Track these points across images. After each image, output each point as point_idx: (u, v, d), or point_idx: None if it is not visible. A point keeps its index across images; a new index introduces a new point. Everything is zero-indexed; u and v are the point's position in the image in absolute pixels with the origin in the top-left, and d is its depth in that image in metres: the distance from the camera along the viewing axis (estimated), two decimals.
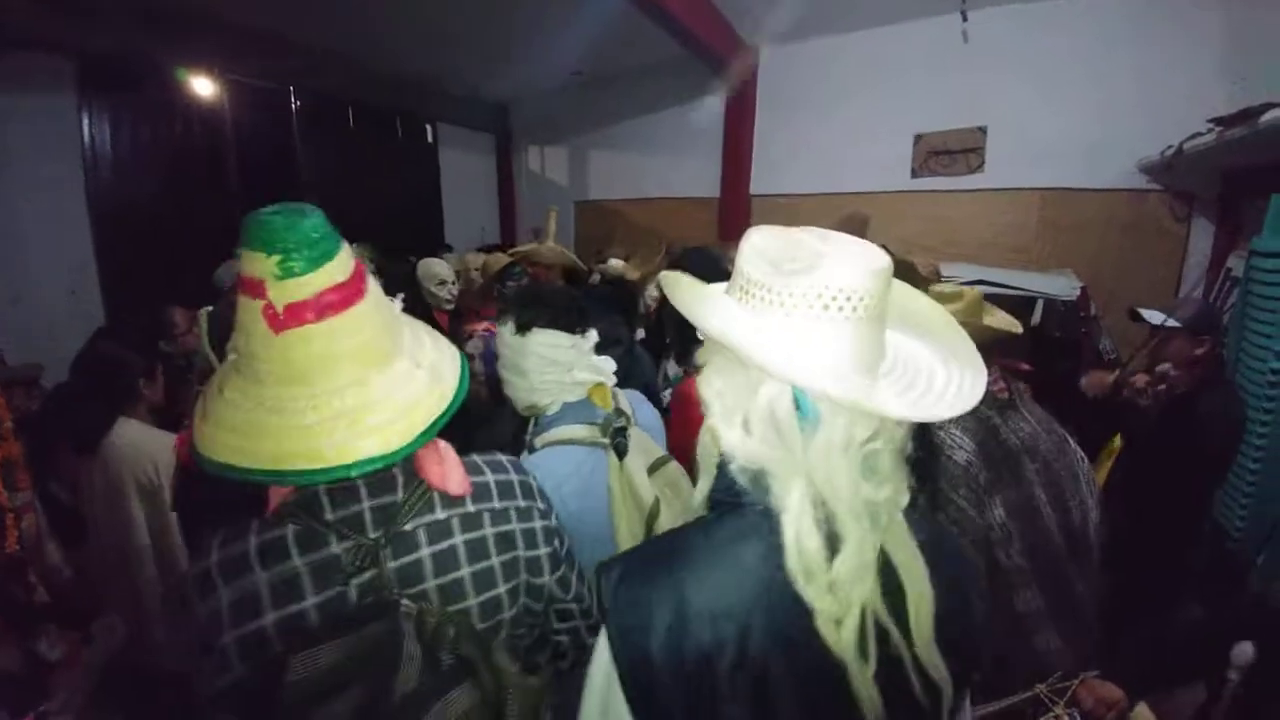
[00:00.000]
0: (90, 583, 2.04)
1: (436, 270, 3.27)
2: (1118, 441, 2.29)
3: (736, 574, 0.63)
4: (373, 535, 0.77)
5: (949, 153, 4.41)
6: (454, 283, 3.28)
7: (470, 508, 0.86)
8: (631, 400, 1.42)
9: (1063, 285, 3.25)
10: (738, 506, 0.66)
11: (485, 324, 2.50)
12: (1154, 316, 2.20)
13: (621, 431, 1.25)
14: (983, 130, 4.26)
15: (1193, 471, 2.07)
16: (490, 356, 2.37)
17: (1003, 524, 1.32)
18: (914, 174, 4.57)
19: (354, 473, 0.66)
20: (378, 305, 0.73)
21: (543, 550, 0.93)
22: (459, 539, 0.84)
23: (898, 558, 0.64)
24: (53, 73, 3.76)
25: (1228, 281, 3.10)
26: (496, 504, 0.90)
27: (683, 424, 1.69)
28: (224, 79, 4.51)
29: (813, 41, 4.82)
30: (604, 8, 3.74)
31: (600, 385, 1.31)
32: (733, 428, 0.65)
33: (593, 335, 1.32)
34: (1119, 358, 3.20)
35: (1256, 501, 2.28)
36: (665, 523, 1.20)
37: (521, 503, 0.93)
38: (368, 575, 0.76)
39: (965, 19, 3.95)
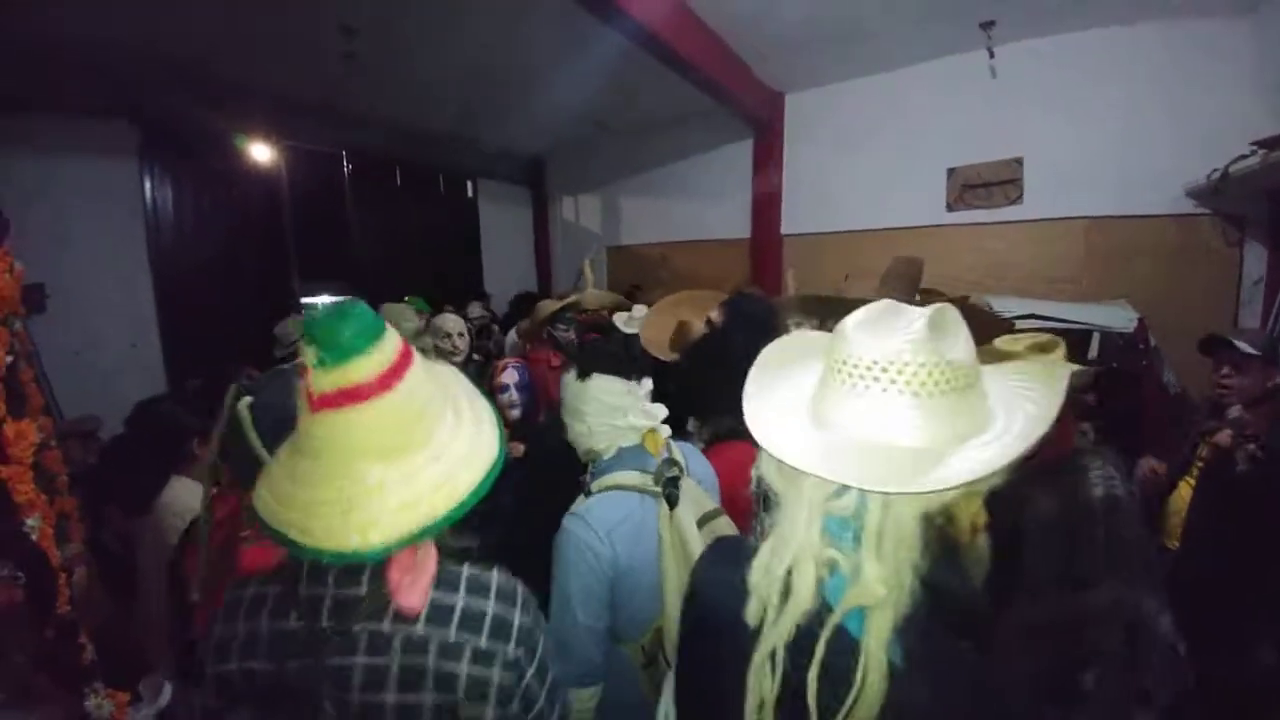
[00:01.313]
0: (139, 639, 2.06)
1: (448, 323, 3.35)
2: (1184, 491, 2.15)
3: (730, 570, 0.73)
4: (325, 624, 0.77)
5: (985, 185, 4.36)
6: (462, 335, 3.33)
7: (419, 630, 0.77)
8: (685, 451, 1.40)
9: (1119, 317, 3.12)
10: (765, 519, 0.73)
11: (515, 359, 2.70)
12: (1243, 345, 2.05)
13: (674, 481, 1.24)
14: (1019, 162, 4.21)
15: (1271, 511, 1.92)
16: (523, 386, 2.50)
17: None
18: (949, 208, 4.51)
19: (324, 559, 0.70)
20: (411, 396, 0.74)
21: (491, 710, 0.79)
22: (395, 660, 0.77)
23: (868, 641, 0.62)
24: (116, 138, 4.05)
25: None
26: (451, 636, 0.78)
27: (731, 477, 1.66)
28: (279, 144, 4.80)
29: (837, 85, 4.90)
30: (630, 64, 3.86)
31: (653, 431, 1.33)
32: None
33: (647, 383, 1.37)
34: (1184, 390, 3.04)
35: None
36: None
37: (484, 643, 0.79)
38: (307, 662, 0.77)
39: (992, 55, 3.96)
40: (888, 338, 0.64)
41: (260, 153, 4.71)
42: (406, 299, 4.12)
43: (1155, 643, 1.25)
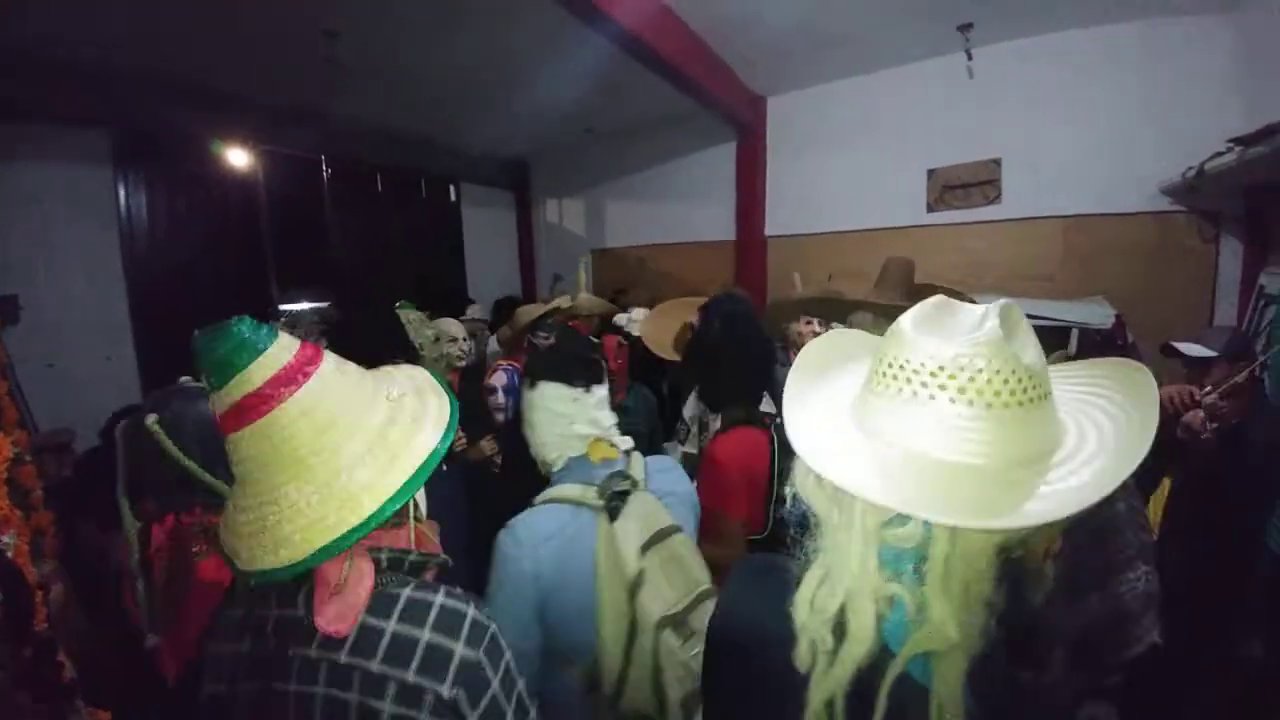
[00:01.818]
0: (116, 655, 2.01)
1: (449, 328, 3.31)
2: (1166, 486, 2.20)
3: (767, 601, 0.65)
4: (271, 645, 0.75)
5: (964, 186, 4.41)
6: (465, 340, 3.30)
7: (342, 658, 0.71)
8: (655, 465, 1.34)
9: (1097, 313, 3.18)
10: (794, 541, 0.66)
11: (510, 360, 2.61)
12: (1190, 348, 2.14)
13: (620, 495, 1.17)
14: (996, 162, 4.26)
15: (1251, 502, 1.97)
16: (512, 389, 2.49)
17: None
18: (929, 208, 4.56)
19: (252, 581, 0.70)
20: (314, 404, 0.71)
21: None
22: (320, 689, 0.71)
23: (939, 688, 0.56)
24: (90, 146, 3.97)
25: (1262, 300, 3.00)
26: (375, 666, 0.71)
27: (713, 488, 1.65)
28: (257, 150, 4.73)
29: (818, 88, 4.93)
30: (614, 67, 3.86)
31: (599, 441, 1.27)
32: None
33: (599, 390, 1.30)
34: (1161, 386, 3.09)
35: None
36: (648, 597, 1.09)
37: (411, 678, 0.70)
38: (259, 684, 0.75)
39: (970, 57, 4.02)
40: (953, 339, 0.56)
41: (237, 158, 4.64)
42: (399, 304, 4.04)
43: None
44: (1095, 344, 3.09)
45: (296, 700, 0.72)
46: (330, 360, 0.76)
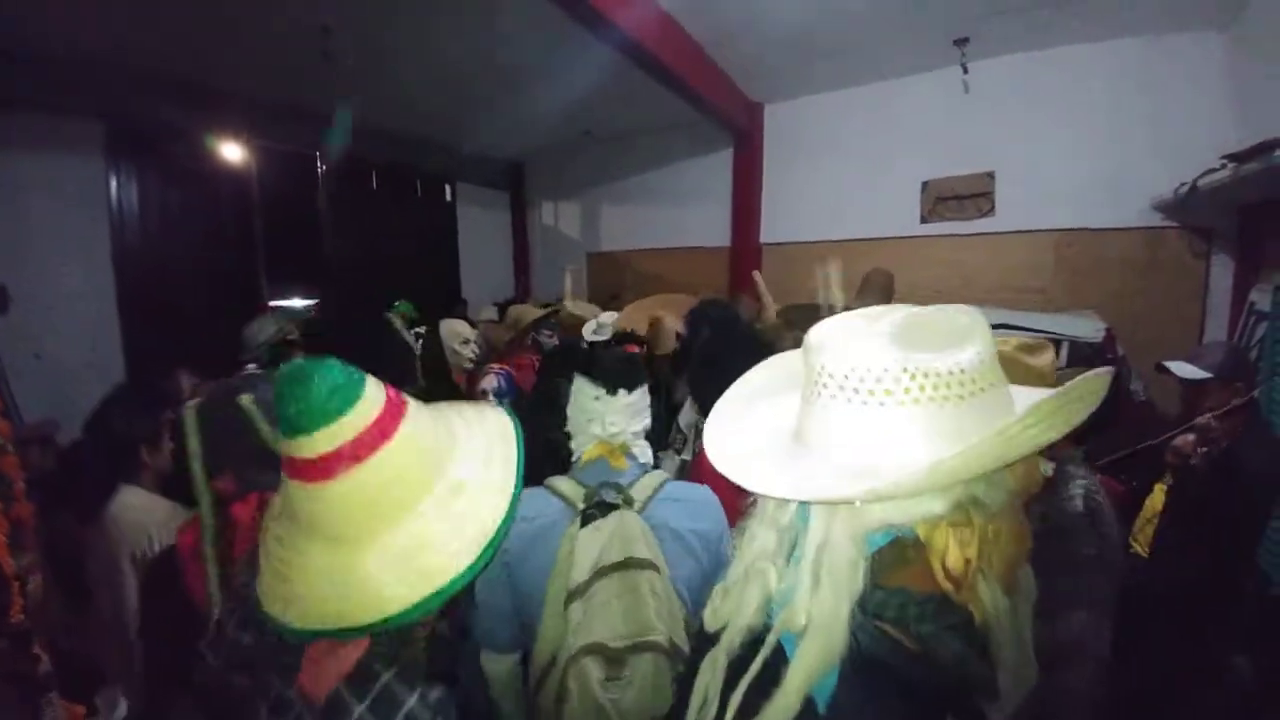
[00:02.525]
0: (93, 650, 1.98)
1: (459, 330, 3.28)
2: (1159, 497, 2.20)
3: None
4: (268, 667, 0.75)
5: (957, 198, 4.44)
6: (476, 341, 3.28)
7: (308, 718, 0.70)
8: (678, 493, 1.25)
9: (1087, 327, 3.19)
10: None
11: (501, 365, 2.59)
12: (1182, 369, 2.11)
13: (604, 507, 1.14)
14: (990, 175, 4.30)
15: (1240, 523, 1.97)
16: (503, 393, 2.48)
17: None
18: (923, 219, 4.59)
19: (259, 612, 0.68)
20: (365, 483, 0.66)
21: None
22: None
23: (790, 672, 0.56)
24: (82, 136, 3.94)
25: (1252, 316, 3.03)
26: None
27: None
28: (252, 145, 4.70)
29: (816, 97, 4.97)
30: (613, 71, 3.88)
31: (604, 444, 1.26)
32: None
33: (625, 396, 1.27)
34: (1149, 400, 3.11)
35: None
36: (580, 612, 1.06)
37: None
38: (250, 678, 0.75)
39: (966, 71, 4.05)
40: (848, 342, 0.59)
41: (231, 152, 4.62)
42: (396, 304, 4.03)
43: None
44: (1085, 357, 3.10)
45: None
46: (410, 418, 0.70)
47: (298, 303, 5.24)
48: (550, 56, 3.98)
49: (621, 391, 1.27)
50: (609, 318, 3.62)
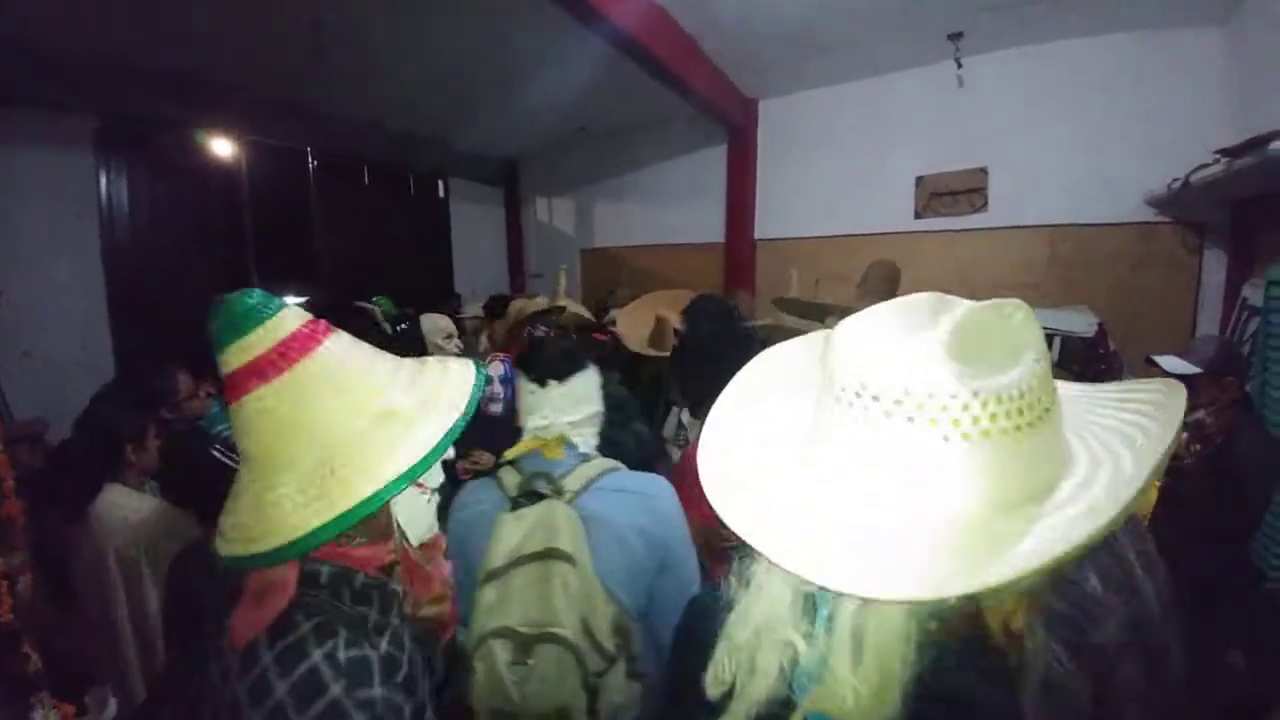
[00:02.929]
0: (81, 649, 1.97)
1: (442, 325, 3.27)
2: (1152, 495, 2.20)
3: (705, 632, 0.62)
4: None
5: (951, 194, 4.44)
6: (459, 336, 3.27)
7: (234, 665, 0.67)
8: (615, 482, 1.22)
9: (1080, 321, 3.20)
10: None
11: (506, 352, 2.69)
12: (1172, 364, 2.09)
13: (532, 496, 1.15)
14: (984, 171, 4.30)
15: (1235, 518, 1.98)
16: (508, 379, 2.49)
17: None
18: (917, 215, 4.59)
19: (222, 565, 0.67)
20: (283, 397, 0.67)
21: None
22: (215, 680, 0.70)
23: None
24: (72, 131, 3.89)
25: (1244, 311, 3.04)
26: (240, 693, 0.65)
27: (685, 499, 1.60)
28: (242, 140, 4.66)
29: (809, 93, 4.95)
30: (607, 67, 3.86)
31: (534, 437, 1.25)
32: None
33: (558, 387, 1.26)
34: None
35: None
36: (492, 594, 1.07)
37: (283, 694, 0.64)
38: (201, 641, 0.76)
39: (960, 66, 4.05)
40: (893, 353, 0.46)
41: (222, 148, 4.57)
42: (374, 300, 4.02)
43: None
44: (1078, 352, 3.12)
45: (209, 680, 0.71)
46: (332, 343, 0.71)
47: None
48: (544, 52, 3.95)
49: (552, 383, 1.26)
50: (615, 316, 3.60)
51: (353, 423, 0.68)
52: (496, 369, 2.52)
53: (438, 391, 0.74)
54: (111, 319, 4.07)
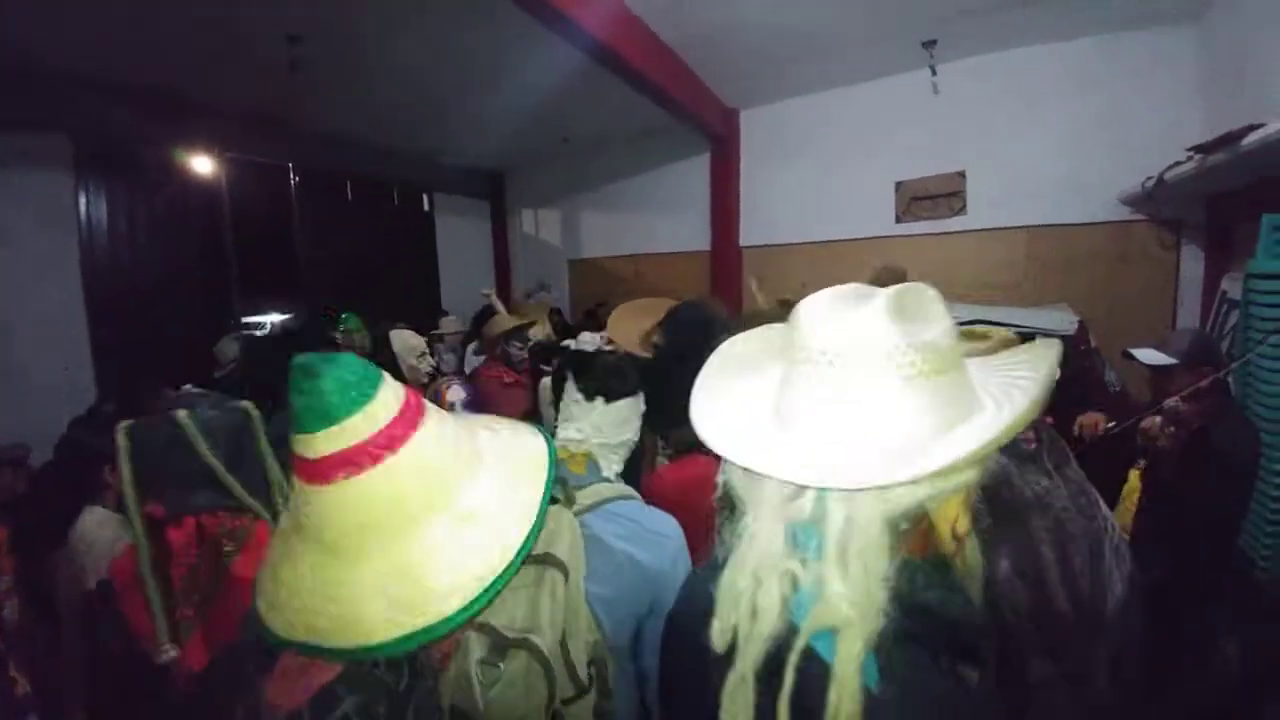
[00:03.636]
0: (66, 674, 1.93)
1: (414, 343, 3.21)
2: (1134, 482, 2.24)
3: (703, 594, 0.66)
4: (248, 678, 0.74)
5: (930, 198, 4.51)
6: (423, 356, 3.21)
7: None
8: (624, 511, 1.19)
9: (1060, 320, 3.25)
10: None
11: (459, 377, 2.72)
12: (1147, 355, 2.12)
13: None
14: (961, 175, 4.37)
15: (1217, 506, 2.01)
16: (469, 404, 2.45)
17: (1008, 580, 1.23)
18: (898, 219, 4.65)
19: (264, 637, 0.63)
20: (389, 487, 0.61)
21: None
22: None
23: (837, 666, 0.55)
24: (52, 151, 3.87)
25: (1224, 305, 3.10)
26: None
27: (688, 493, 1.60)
28: (222, 156, 4.65)
29: (790, 101, 5.02)
30: (589, 79, 3.89)
31: (562, 448, 1.24)
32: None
33: (602, 405, 1.26)
34: (1124, 389, 3.18)
35: None
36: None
37: None
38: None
39: (934, 73, 4.13)
40: (845, 316, 0.58)
41: (202, 165, 4.55)
42: (343, 316, 3.87)
43: None
44: (1060, 350, 3.15)
45: None
46: (426, 429, 0.64)
47: (274, 317, 5.17)
48: (526, 65, 3.98)
49: (599, 400, 1.24)
50: (589, 338, 3.59)
51: (437, 522, 0.63)
52: (457, 394, 2.48)
53: (516, 477, 0.70)
54: (93, 340, 4.03)
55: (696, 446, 1.65)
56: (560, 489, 1.13)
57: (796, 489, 0.58)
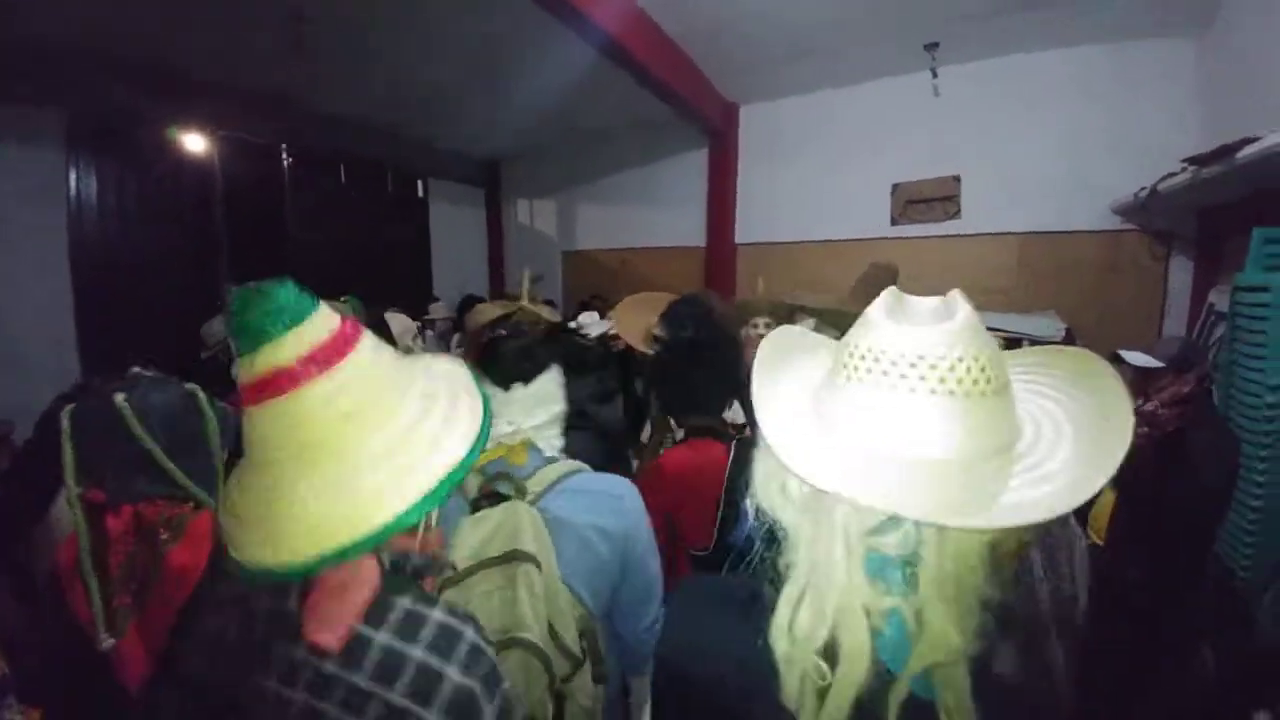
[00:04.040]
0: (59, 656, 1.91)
1: (410, 325, 3.23)
2: (1108, 493, 2.26)
3: (733, 631, 0.61)
4: (259, 633, 0.70)
5: (926, 201, 4.53)
6: (416, 337, 3.23)
7: (328, 667, 0.65)
8: (579, 484, 1.20)
9: (1047, 326, 3.28)
10: (759, 560, 0.60)
11: None
12: (1136, 358, 2.16)
13: (493, 498, 1.10)
14: (957, 179, 4.39)
15: (1193, 511, 2.03)
16: None
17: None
18: (893, 221, 4.67)
19: (243, 574, 0.62)
20: (343, 388, 0.64)
21: None
22: (299, 694, 0.66)
23: (947, 700, 0.52)
24: (42, 125, 3.80)
25: (1211, 316, 3.14)
26: (363, 682, 0.64)
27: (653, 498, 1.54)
28: (215, 135, 4.58)
29: (789, 99, 5.02)
30: (589, 70, 3.87)
31: (499, 445, 1.20)
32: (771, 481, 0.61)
33: (521, 390, 1.22)
34: None
35: (1260, 538, 2.23)
36: (454, 597, 0.99)
37: (397, 699, 0.63)
38: (235, 672, 0.69)
39: (935, 75, 4.14)
40: (923, 328, 0.54)
41: (195, 143, 4.48)
42: (342, 299, 3.88)
43: None
44: None
45: (275, 699, 0.66)
46: (368, 341, 0.69)
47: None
48: (527, 54, 3.95)
49: (516, 386, 1.21)
50: (589, 318, 3.59)
51: (408, 403, 0.68)
52: None
53: (453, 399, 0.74)
54: (79, 317, 3.97)
55: (708, 431, 1.71)
56: (507, 484, 1.12)
57: (888, 519, 0.53)
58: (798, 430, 0.57)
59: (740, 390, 1.89)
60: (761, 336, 2.18)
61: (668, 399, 1.88)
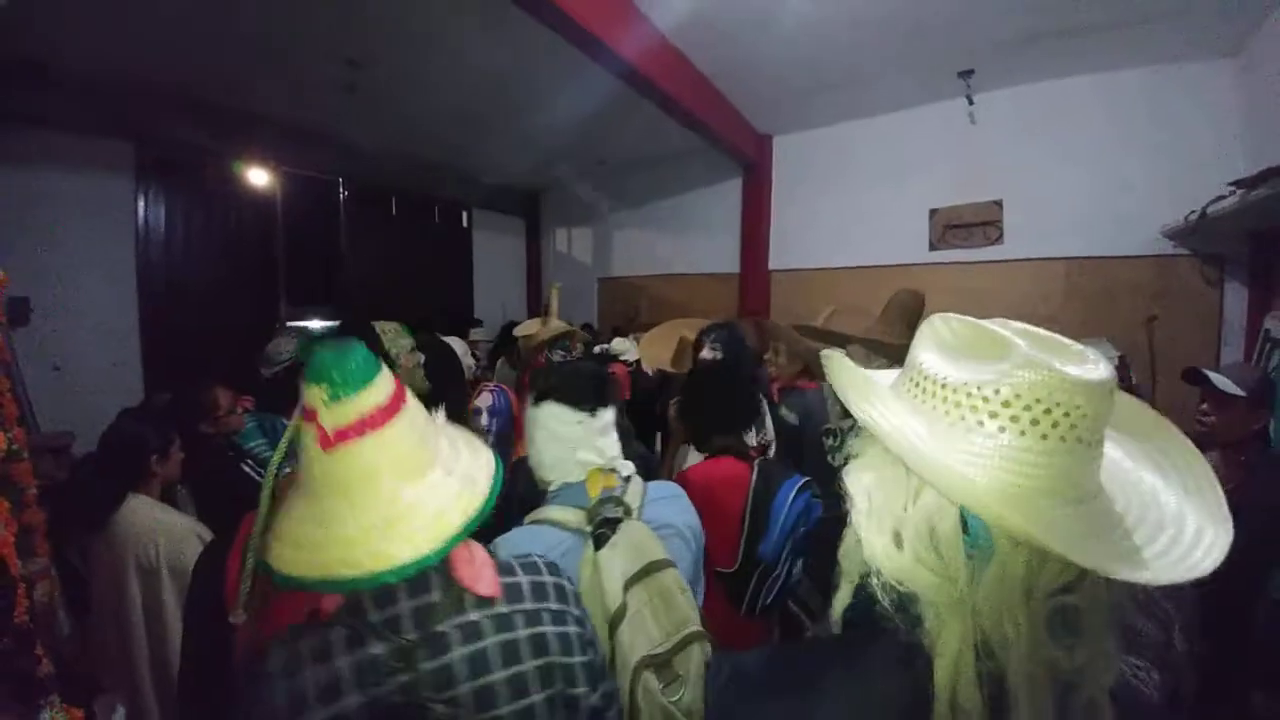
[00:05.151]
0: (93, 656, 1.99)
1: (464, 348, 3.32)
2: None
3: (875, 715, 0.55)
4: (409, 636, 0.79)
5: (966, 226, 4.46)
6: (469, 356, 3.31)
7: (503, 609, 0.85)
8: (657, 493, 1.27)
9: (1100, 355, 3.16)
10: (880, 633, 0.55)
11: (494, 384, 2.67)
12: (1222, 381, 1.96)
13: (610, 523, 1.13)
14: (998, 204, 4.31)
15: (1249, 555, 1.90)
16: (496, 410, 2.46)
17: None
18: (932, 247, 4.61)
19: (390, 578, 0.72)
20: (413, 422, 0.79)
21: (578, 659, 0.87)
22: (490, 640, 0.82)
23: None
24: (113, 156, 4.10)
25: (1267, 343, 2.98)
26: (529, 605, 0.87)
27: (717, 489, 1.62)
28: (276, 169, 4.86)
29: (822, 129, 5.07)
30: (625, 105, 3.99)
31: (599, 470, 1.23)
32: (881, 534, 0.56)
33: (605, 415, 1.25)
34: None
35: None
36: (628, 633, 1.02)
37: (554, 605, 0.89)
38: (405, 677, 0.77)
39: (971, 102, 4.12)
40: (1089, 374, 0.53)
41: (257, 177, 4.78)
42: (393, 324, 4.07)
43: None
44: None
45: (467, 661, 0.80)
46: (411, 402, 0.82)
47: (316, 323, 5.34)
48: (566, 90, 4.10)
49: (601, 411, 1.24)
50: (621, 345, 3.64)
51: (441, 445, 0.83)
52: (485, 400, 2.51)
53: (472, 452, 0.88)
54: (143, 338, 4.22)
55: (729, 449, 1.74)
56: (614, 507, 1.17)
57: (1076, 574, 0.50)
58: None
59: (759, 413, 1.88)
60: (779, 365, 2.16)
61: (699, 418, 1.89)
